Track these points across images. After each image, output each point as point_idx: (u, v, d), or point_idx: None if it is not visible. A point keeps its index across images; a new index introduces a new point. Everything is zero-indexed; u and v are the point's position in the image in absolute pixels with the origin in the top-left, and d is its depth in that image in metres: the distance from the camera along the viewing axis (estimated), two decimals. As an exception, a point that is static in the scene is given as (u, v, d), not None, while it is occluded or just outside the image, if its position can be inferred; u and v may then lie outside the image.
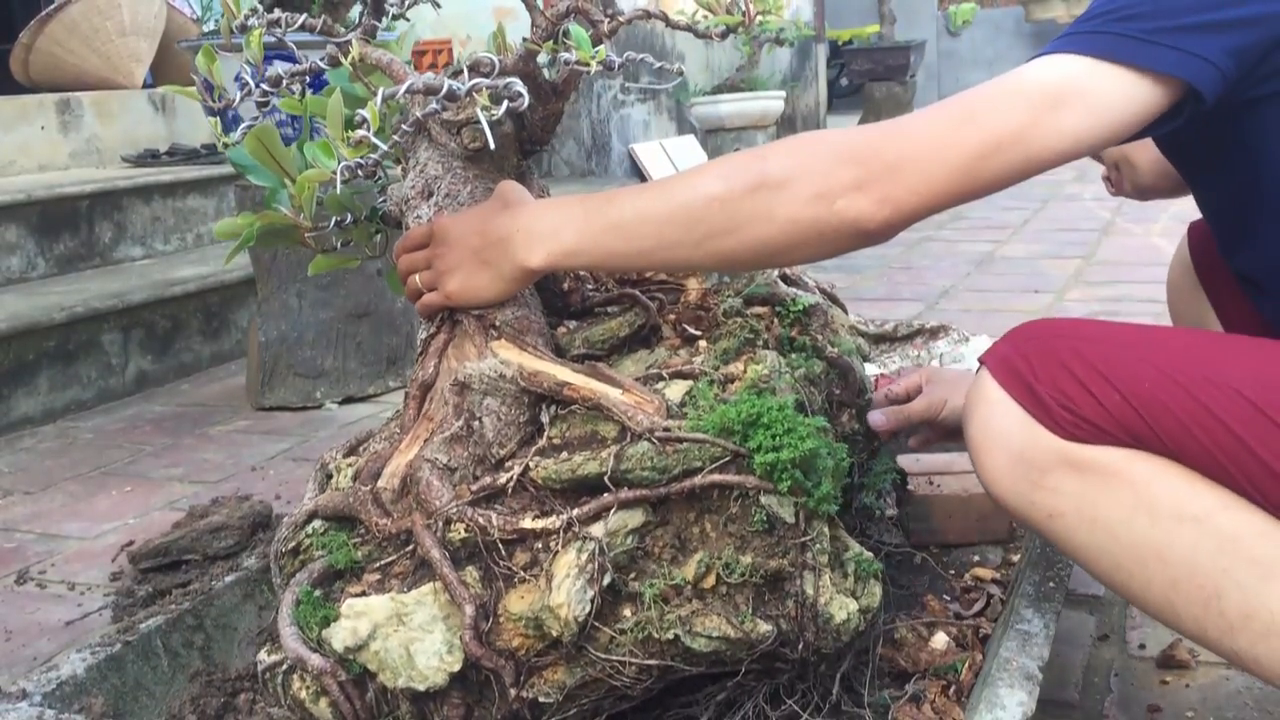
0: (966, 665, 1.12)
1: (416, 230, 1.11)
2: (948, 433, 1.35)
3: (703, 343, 1.15)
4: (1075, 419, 0.91)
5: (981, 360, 0.98)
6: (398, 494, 1.03)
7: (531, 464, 0.99)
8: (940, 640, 1.17)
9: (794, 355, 1.17)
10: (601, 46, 1.02)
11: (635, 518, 0.95)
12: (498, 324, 1.07)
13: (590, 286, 1.22)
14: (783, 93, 5.34)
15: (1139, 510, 0.90)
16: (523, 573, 0.95)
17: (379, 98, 0.97)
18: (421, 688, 0.93)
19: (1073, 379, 0.91)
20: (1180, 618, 0.90)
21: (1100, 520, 0.91)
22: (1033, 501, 0.94)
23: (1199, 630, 0.90)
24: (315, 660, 0.96)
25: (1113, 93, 0.90)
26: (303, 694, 0.98)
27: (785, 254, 0.98)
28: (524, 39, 1.05)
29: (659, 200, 1.00)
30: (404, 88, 0.99)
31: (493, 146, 1.01)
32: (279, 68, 1.08)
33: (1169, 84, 0.90)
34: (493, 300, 1.08)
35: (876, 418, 1.29)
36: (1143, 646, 1.33)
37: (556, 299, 1.20)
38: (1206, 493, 0.88)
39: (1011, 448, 0.94)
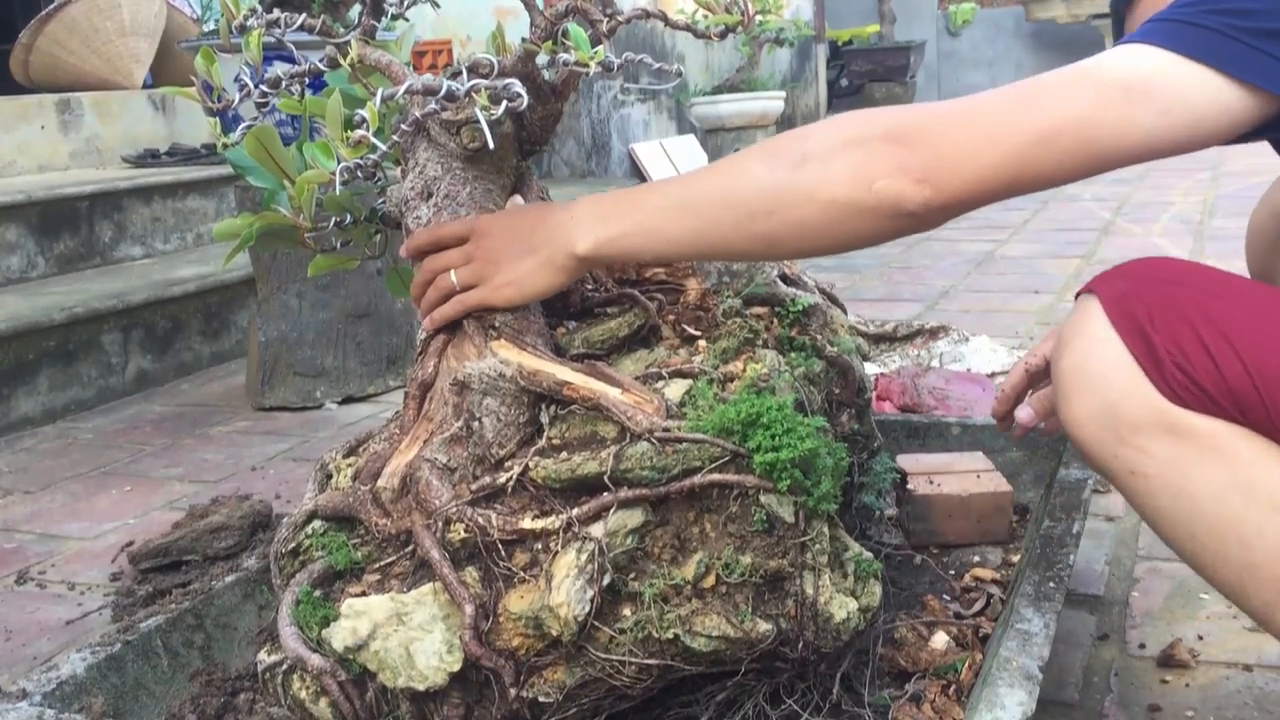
0: (966, 665, 1.12)
1: (450, 226, 1.08)
2: None
3: (702, 343, 1.15)
4: (1187, 381, 0.84)
5: (1091, 289, 0.90)
6: (397, 494, 1.03)
7: (531, 464, 0.99)
8: (940, 640, 1.17)
9: (793, 355, 1.17)
10: (601, 47, 1.02)
11: (635, 517, 0.95)
12: (497, 324, 1.07)
13: (589, 287, 1.22)
14: (782, 93, 5.34)
15: (1232, 489, 0.84)
16: (522, 573, 0.95)
17: (378, 98, 0.97)
18: (421, 687, 0.93)
19: (1195, 338, 0.83)
20: (1249, 599, 0.86)
21: (1187, 491, 0.86)
22: (1116, 454, 0.88)
23: (1267, 616, 0.86)
24: (315, 660, 0.96)
25: (1197, 96, 0.83)
26: (303, 694, 0.98)
27: (826, 237, 0.93)
28: (523, 39, 1.05)
29: (702, 182, 0.98)
30: (403, 89, 0.99)
31: (492, 146, 1.01)
32: (278, 69, 1.08)
33: (1264, 95, 0.83)
34: (540, 291, 1.05)
35: (1024, 413, 1.19)
36: (1143, 646, 1.33)
37: (556, 299, 1.20)
38: None
39: (1107, 395, 0.87)
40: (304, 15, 1.07)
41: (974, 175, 0.87)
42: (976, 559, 1.43)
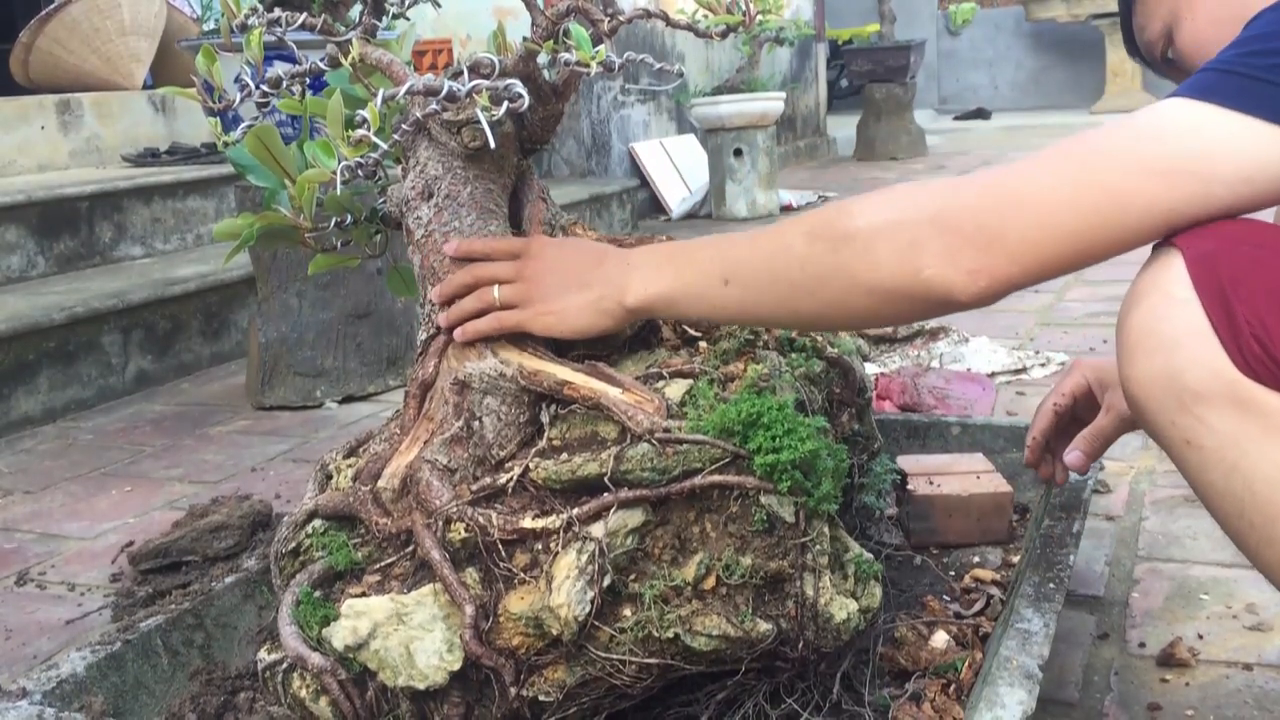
0: (966, 664, 1.12)
1: (506, 241, 1.06)
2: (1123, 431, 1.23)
3: (703, 343, 1.15)
4: (1264, 355, 0.79)
5: (1173, 243, 0.85)
6: (398, 494, 1.03)
7: (531, 465, 0.99)
8: (940, 639, 1.17)
9: (794, 355, 1.17)
10: (602, 46, 1.02)
11: (635, 517, 0.95)
12: (498, 324, 1.07)
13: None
14: (782, 94, 5.34)
15: None
16: (523, 574, 0.95)
17: (379, 98, 0.97)
18: (421, 686, 0.93)
19: (1278, 311, 0.79)
20: None
21: (1243, 469, 0.82)
22: (1174, 421, 0.84)
23: None
24: (315, 659, 0.96)
25: (1274, 160, 0.79)
26: (303, 692, 0.98)
27: (870, 319, 0.92)
28: (524, 38, 1.05)
29: (749, 251, 0.96)
30: (404, 89, 0.99)
31: (493, 146, 1.02)
32: (279, 68, 1.08)
33: None
34: (581, 330, 1.04)
35: (1075, 458, 1.17)
36: (1143, 645, 1.33)
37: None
38: None
39: (1174, 359, 0.82)
40: (305, 14, 1.07)
41: (1035, 262, 0.84)
42: (976, 559, 1.43)
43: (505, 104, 1.00)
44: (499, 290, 1.04)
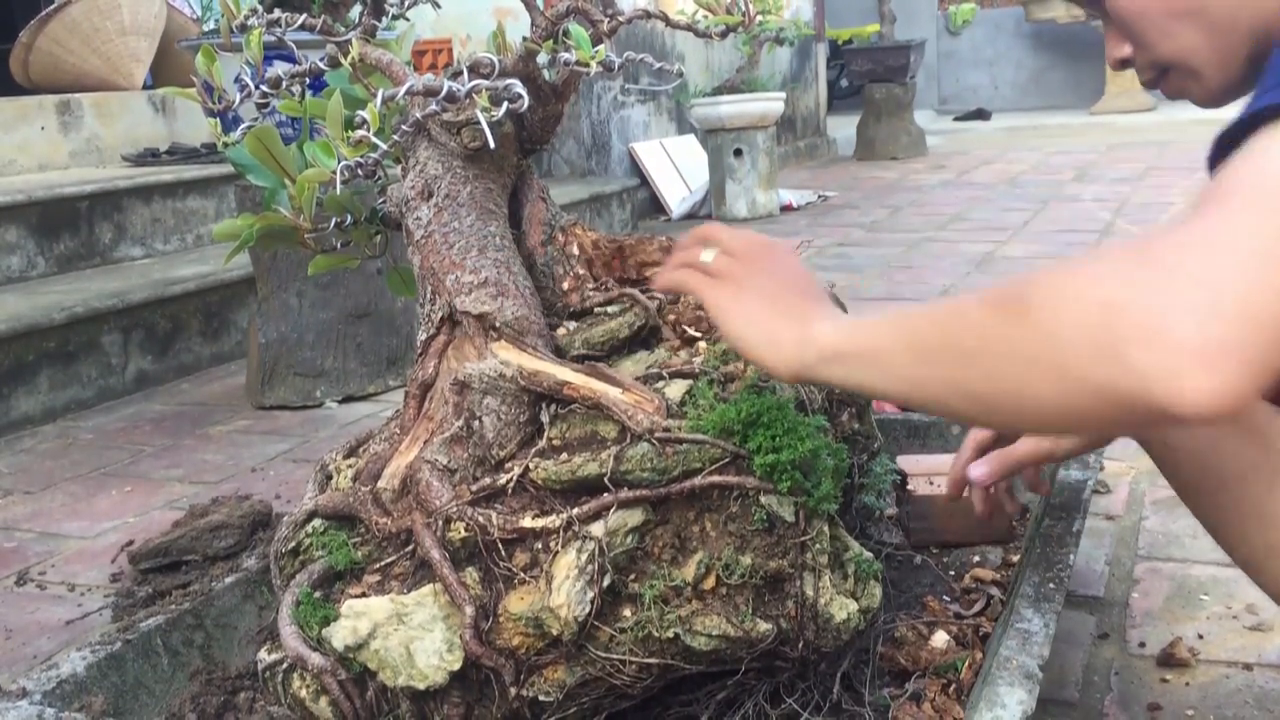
0: (967, 664, 1.12)
1: (746, 238, 0.91)
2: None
3: (702, 343, 1.14)
4: None
5: None
6: (398, 494, 1.03)
7: (531, 465, 0.99)
8: (940, 639, 1.17)
9: (794, 355, 1.17)
10: (601, 46, 1.02)
11: (635, 517, 0.95)
12: (498, 325, 1.07)
13: (590, 286, 1.22)
14: (783, 94, 5.33)
15: (1261, 471, 0.82)
16: (523, 573, 0.95)
17: (379, 99, 0.97)
18: (421, 686, 0.93)
19: None
20: (1264, 576, 0.86)
21: (1213, 468, 0.84)
22: None
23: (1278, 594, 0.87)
24: (315, 659, 0.96)
25: None
26: (303, 692, 0.98)
27: (1059, 412, 0.67)
28: (524, 38, 1.05)
29: (920, 318, 0.77)
30: (404, 89, 0.99)
31: (493, 146, 1.02)
32: (279, 69, 1.08)
33: None
34: (745, 346, 0.86)
35: (978, 471, 1.14)
36: (1143, 645, 1.33)
37: (556, 299, 1.20)
38: None
39: None
40: (304, 15, 1.07)
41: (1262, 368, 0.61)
42: (976, 559, 1.43)
43: (505, 104, 1.00)
44: (720, 260, 0.90)
